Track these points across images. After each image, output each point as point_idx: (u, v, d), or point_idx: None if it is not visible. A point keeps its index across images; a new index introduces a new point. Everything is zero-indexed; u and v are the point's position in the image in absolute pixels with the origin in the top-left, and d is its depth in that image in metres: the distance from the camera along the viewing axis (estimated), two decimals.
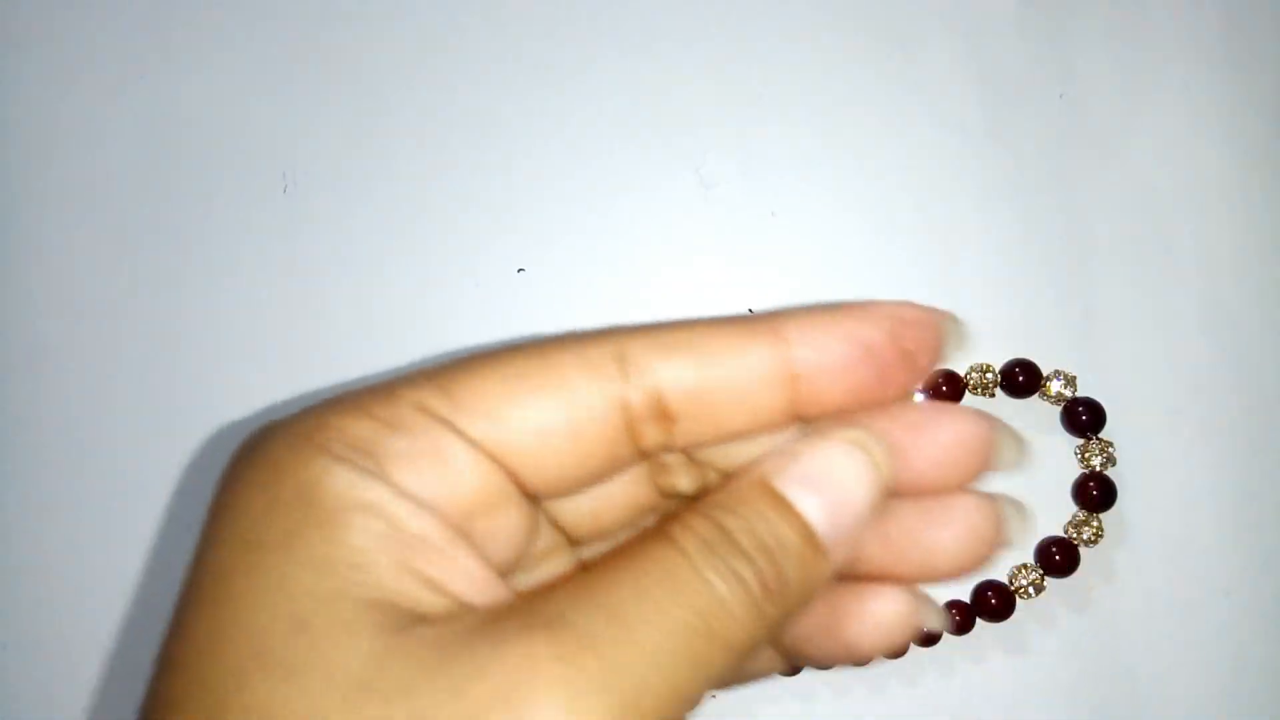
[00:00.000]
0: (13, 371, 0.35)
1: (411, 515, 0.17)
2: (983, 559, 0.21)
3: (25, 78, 0.37)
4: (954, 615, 0.32)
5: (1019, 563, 0.32)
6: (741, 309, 0.34)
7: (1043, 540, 0.33)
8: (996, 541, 0.21)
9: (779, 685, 0.33)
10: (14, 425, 0.35)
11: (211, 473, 0.35)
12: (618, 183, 0.35)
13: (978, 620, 0.32)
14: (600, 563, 0.17)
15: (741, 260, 0.35)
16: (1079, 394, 0.33)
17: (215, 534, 0.17)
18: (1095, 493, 0.32)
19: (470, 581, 0.17)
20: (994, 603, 0.32)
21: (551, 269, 0.35)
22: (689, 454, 0.21)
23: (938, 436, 0.21)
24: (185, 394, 0.35)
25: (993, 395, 0.33)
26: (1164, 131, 0.35)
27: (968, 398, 0.33)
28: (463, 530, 0.18)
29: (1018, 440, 0.22)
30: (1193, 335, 0.34)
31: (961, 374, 0.33)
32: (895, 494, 0.20)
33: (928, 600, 0.22)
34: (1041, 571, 0.32)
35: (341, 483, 0.17)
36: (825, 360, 0.20)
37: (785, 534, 0.18)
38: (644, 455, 0.20)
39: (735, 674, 0.21)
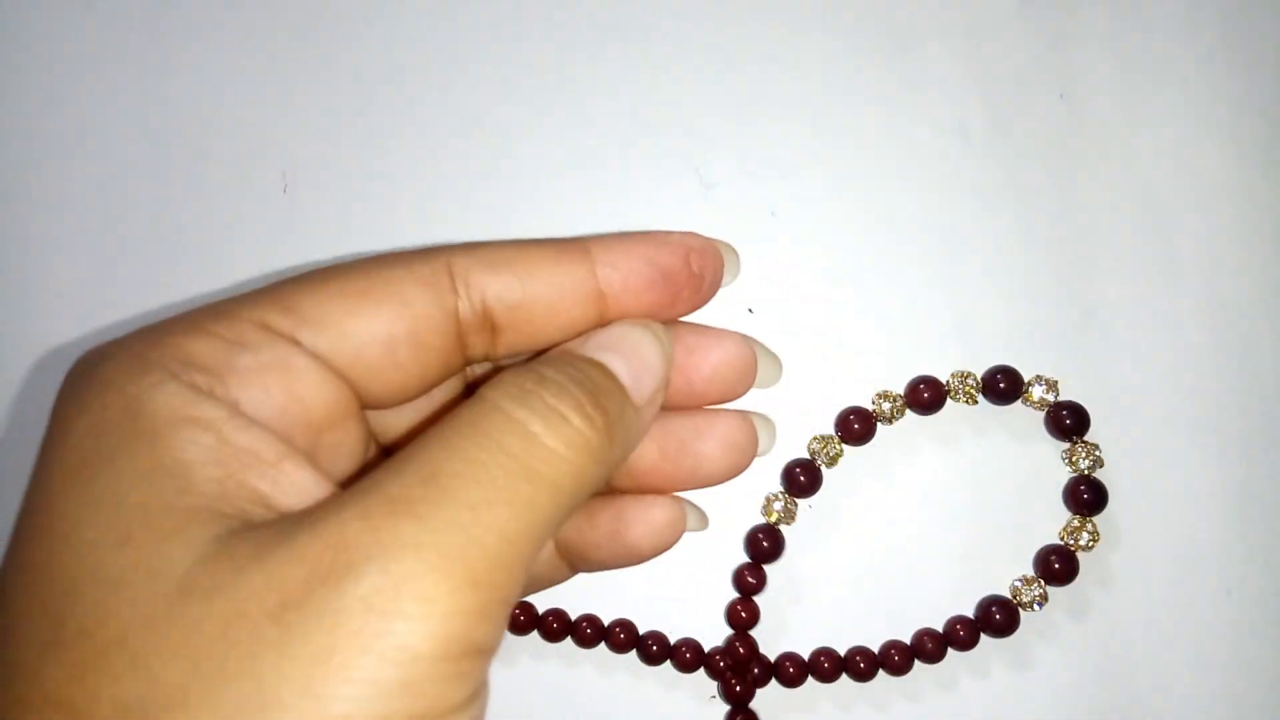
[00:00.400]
0: (13, 372, 0.35)
1: (241, 430, 0.17)
2: (741, 467, 0.25)
3: (25, 78, 0.37)
4: (959, 631, 0.32)
5: (1020, 575, 0.32)
6: (741, 309, 0.34)
7: (1041, 550, 0.33)
8: (752, 450, 0.25)
9: (782, 698, 0.32)
10: (16, 425, 0.35)
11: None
12: (618, 183, 0.35)
13: (982, 636, 0.32)
14: (416, 433, 0.18)
15: (741, 260, 0.35)
16: (1061, 398, 0.33)
17: (46, 459, 0.17)
18: (1086, 495, 0.32)
19: (300, 494, 0.17)
20: (999, 619, 0.32)
21: None
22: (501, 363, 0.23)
23: (709, 356, 0.24)
24: None
25: (975, 402, 0.33)
26: (1164, 131, 0.35)
27: (949, 405, 0.33)
28: (306, 444, 0.18)
29: (776, 361, 0.26)
30: (1193, 335, 0.34)
31: (943, 380, 0.33)
32: (670, 406, 0.23)
33: (695, 507, 0.25)
34: (1043, 583, 0.32)
35: (171, 398, 0.17)
36: (628, 279, 0.22)
37: (599, 377, 0.19)
38: (468, 363, 0.22)
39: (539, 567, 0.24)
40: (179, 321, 0.19)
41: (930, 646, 0.32)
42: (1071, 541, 0.32)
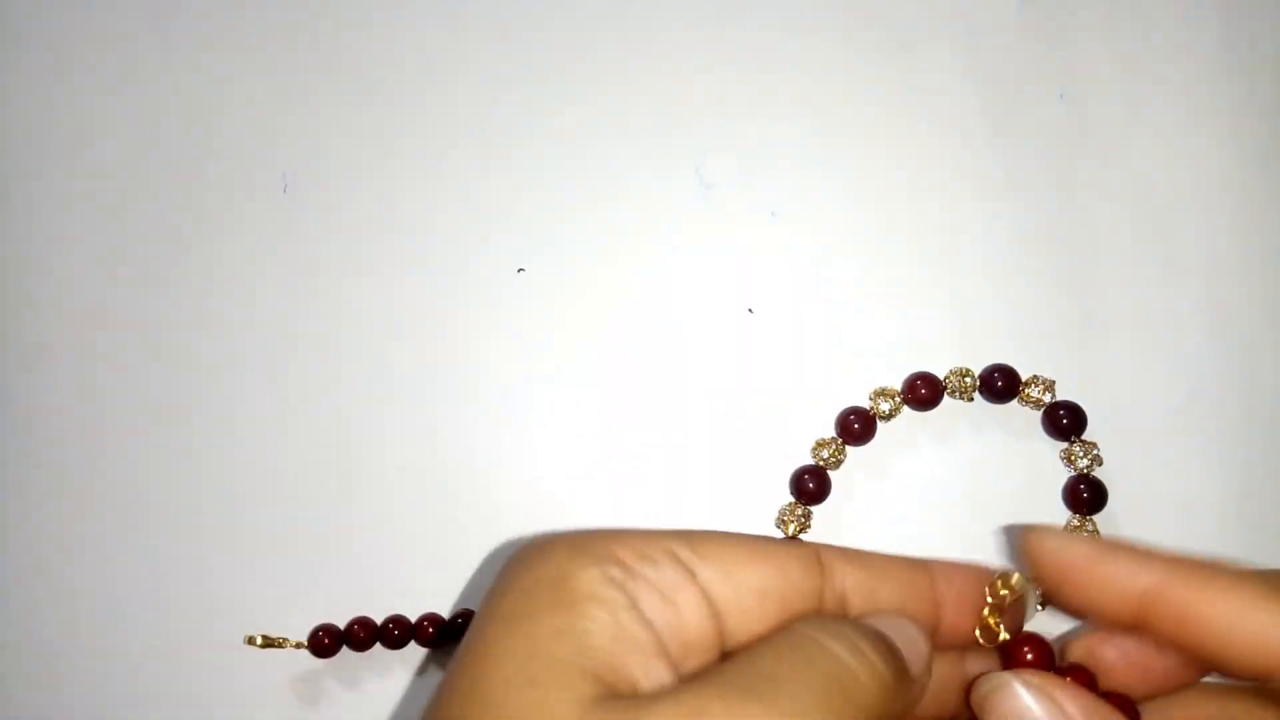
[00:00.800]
0: (12, 372, 0.35)
1: (634, 621, 0.21)
2: None
3: (24, 77, 0.37)
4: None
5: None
6: (741, 309, 0.34)
7: None
8: None
9: None
10: (12, 425, 0.35)
11: (206, 469, 0.34)
12: (618, 183, 0.35)
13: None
14: (735, 651, 0.22)
15: (741, 260, 0.35)
16: (1058, 398, 0.33)
17: (486, 606, 0.22)
18: (1086, 494, 0.32)
19: (660, 687, 0.20)
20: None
21: (551, 269, 0.35)
22: None
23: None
24: (183, 393, 0.35)
25: (970, 399, 0.33)
26: (1164, 131, 0.35)
27: (946, 401, 0.33)
28: (675, 657, 0.22)
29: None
30: (1192, 335, 0.34)
31: (940, 377, 0.33)
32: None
33: None
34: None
35: (592, 578, 0.21)
36: (961, 599, 0.25)
37: (886, 637, 0.22)
38: None
39: None
40: (608, 531, 0.23)
41: None
42: None
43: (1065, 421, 0.32)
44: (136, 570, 0.34)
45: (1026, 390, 0.33)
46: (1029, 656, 0.24)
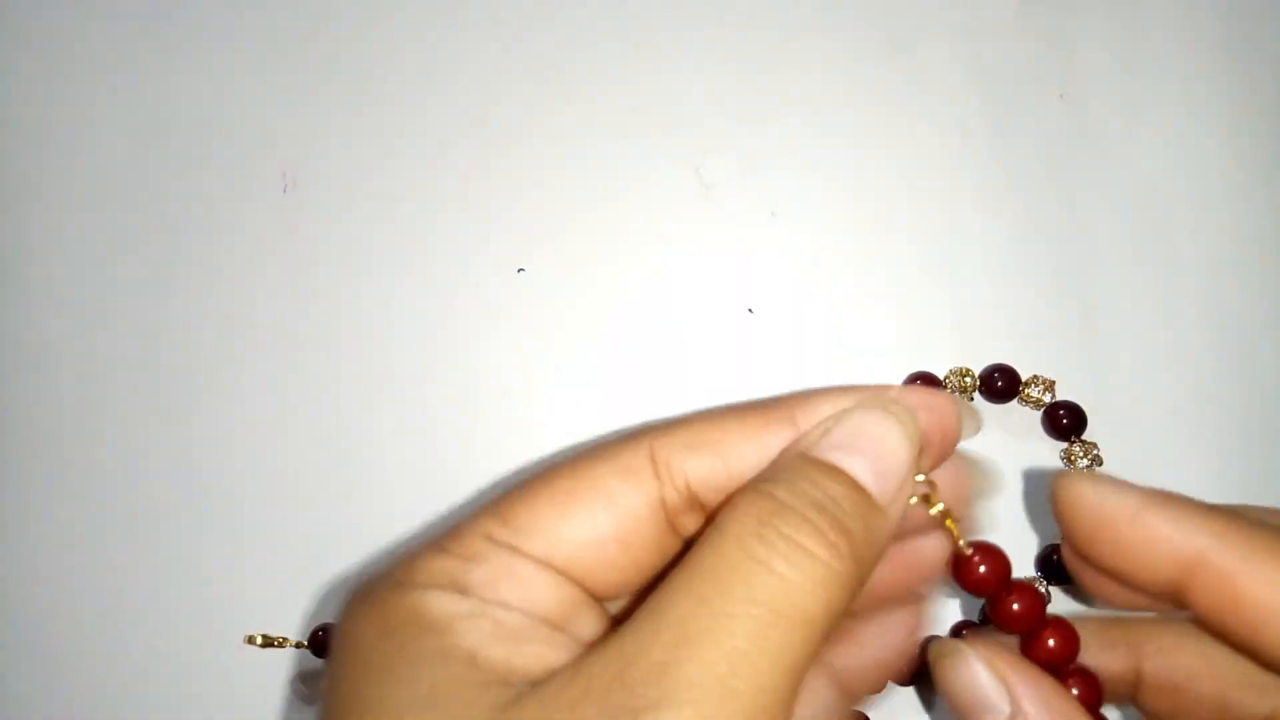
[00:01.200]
0: (11, 372, 0.35)
1: (507, 614, 0.19)
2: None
3: (24, 77, 0.37)
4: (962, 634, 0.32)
5: (1021, 577, 0.32)
6: (741, 309, 0.34)
7: (1044, 548, 0.33)
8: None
9: None
10: (12, 425, 0.35)
11: (206, 468, 0.34)
12: (618, 183, 0.35)
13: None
14: (670, 571, 0.18)
15: (741, 260, 0.35)
16: (1058, 398, 0.33)
17: (339, 668, 0.19)
18: None
19: (570, 655, 0.18)
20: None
21: (551, 269, 0.35)
22: None
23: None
24: (183, 393, 0.35)
25: (970, 399, 0.33)
26: (1164, 131, 0.35)
27: None
28: (560, 629, 0.19)
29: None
30: (1192, 334, 0.34)
31: (940, 377, 0.33)
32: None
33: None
34: (1045, 581, 0.32)
35: (444, 601, 0.19)
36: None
37: (838, 492, 0.18)
38: (686, 542, 0.21)
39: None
40: (419, 545, 0.20)
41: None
42: None
43: (1065, 421, 0.32)
44: (136, 570, 0.34)
45: (1026, 390, 0.33)
46: (1015, 608, 0.21)
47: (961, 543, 0.21)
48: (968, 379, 0.33)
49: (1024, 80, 0.35)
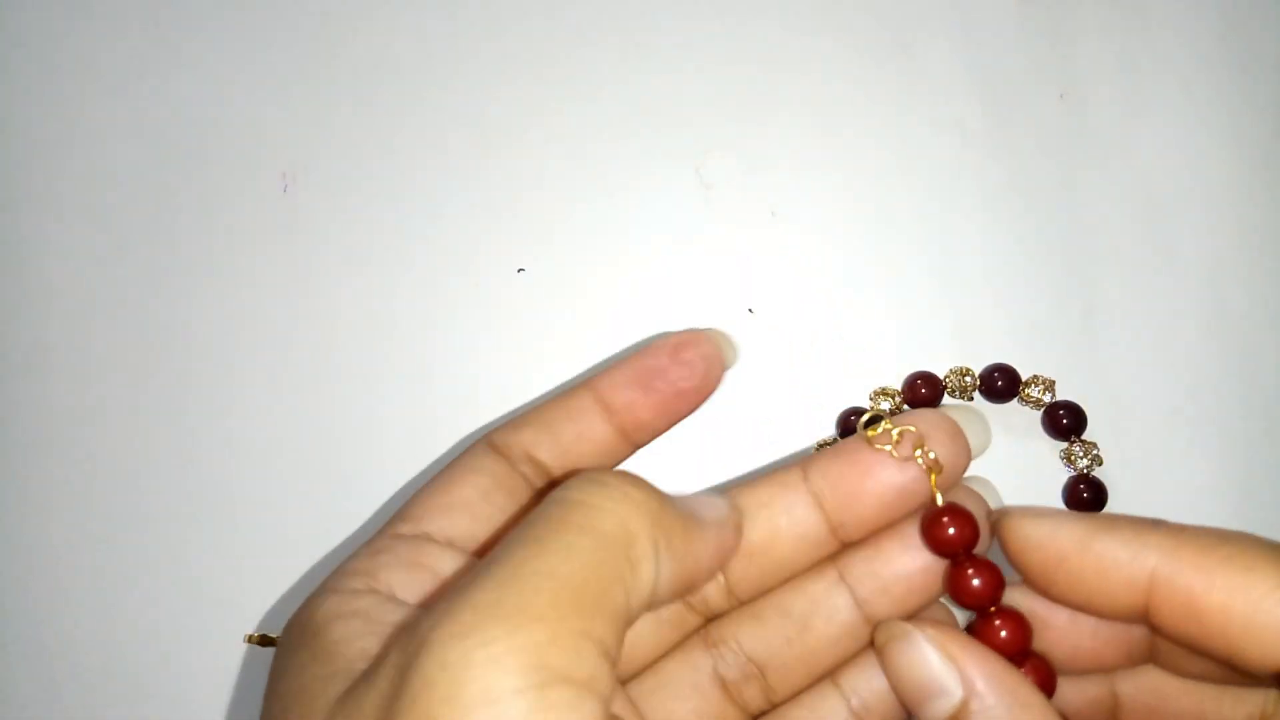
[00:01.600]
0: (11, 372, 0.35)
1: (392, 610, 0.20)
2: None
3: (25, 78, 0.37)
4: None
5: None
6: (741, 309, 0.34)
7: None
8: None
9: None
10: (12, 425, 0.35)
11: (205, 470, 0.34)
12: (618, 183, 0.35)
13: None
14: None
15: (741, 260, 0.35)
16: (1058, 398, 0.33)
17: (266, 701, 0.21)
18: (1086, 494, 0.32)
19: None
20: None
21: (551, 269, 0.35)
22: None
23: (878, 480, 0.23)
24: (183, 393, 0.35)
25: (970, 399, 0.33)
26: (1164, 131, 0.35)
27: (946, 400, 0.33)
28: None
29: (981, 423, 0.25)
30: (1192, 334, 0.34)
31: (941, 377, 0.33)
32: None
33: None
34: None
35: (330, 606, 0.20)
36: (625, 395, 0.24)
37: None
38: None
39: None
40: (352, 554, 0.23)
41: None
42: None
43: (1065, 421, 0.32)
44: (136, 569, 0.34)
45: (1026, 390, 0.33)
46: (975, 584, 0.21)
47: (938, 499, 0.22)
48: (967, 378, 0.33)
49: (1024, 80, 0.35)
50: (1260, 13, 0.36)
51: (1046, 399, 0.33)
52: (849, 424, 0.33)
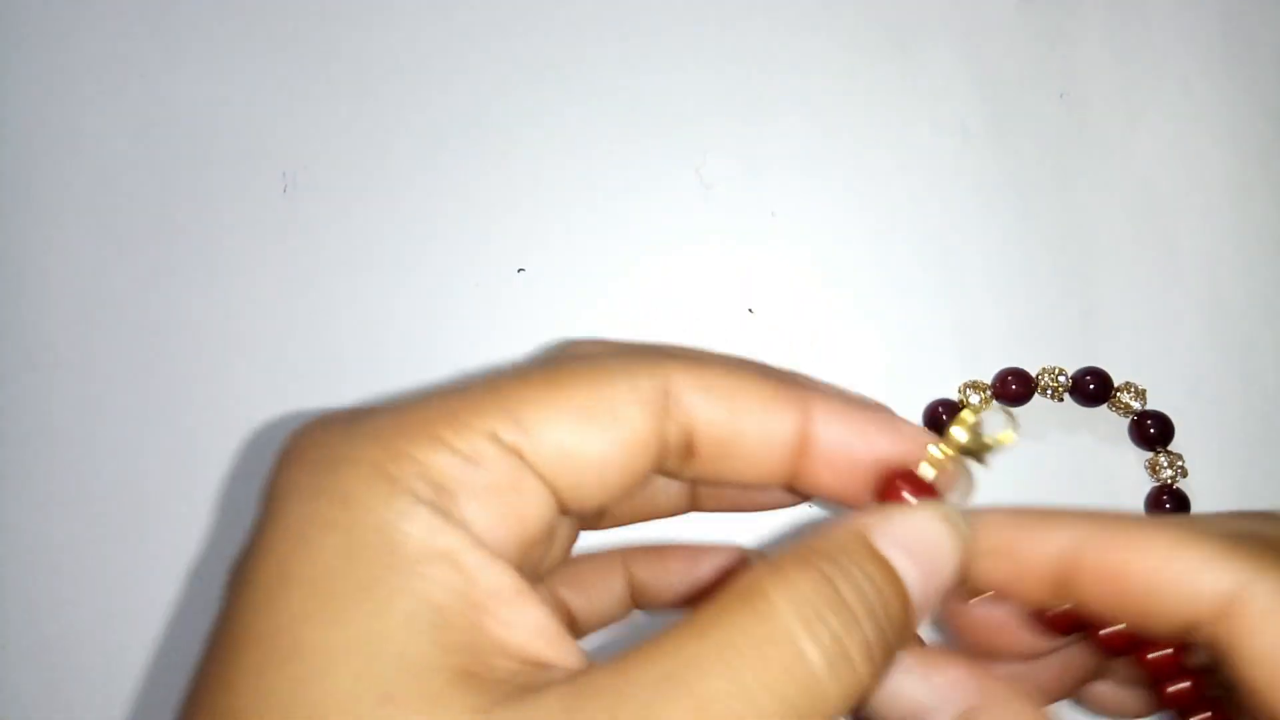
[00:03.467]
0: (13, 372, 0.35)
1: (484, 566, 0.17)
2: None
3: (25, 78, 0.37)
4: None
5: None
6: (741, 309, 0.34)
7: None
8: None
9: None
10: (13, 425, 0.35)
11: (206, 471, 0.34)
12: (618, 183, 0.35)
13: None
14: (689, 623, 0.17)
15: (741, 260, 0.35)
16: (1148, 407, 0.33)
17: (285, 570, 0.16)
18: (1169, 506, 0.32)
19: (537, 634, 0.17)
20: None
21: (551, 269, 0.35)
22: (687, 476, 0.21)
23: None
24: (183, 393, 0.35)
25: (1061, 399, 0.33)
26: (1164, 131, 0.35)
27: (1036, 399, 0.33)
28: (521, 560, 0.18)
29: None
30: (1193, 334, 0.34)
31: (1033, 374, 0.33)
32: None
33: None
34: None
35: (421, 528, 0.16)
36: (840, 455, 0.21)
37: (891, 600, 0.18)
38: (655, 473, 0.21)
39: None
40: (414, 425, 0.18)
41: None
42: None
43: (1153, 431, 0.32)
44: (136, 570, 0.34)
45: (1118, 395, 0.33)
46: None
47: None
48: (1061, 378, 0.33)
49: (1024, 80, 0.35)
50: (1260, 13, 0.36)
51: (1137, 406, 0.33)
52: (935, 414, 0.33)
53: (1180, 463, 0.32)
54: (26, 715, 0.34)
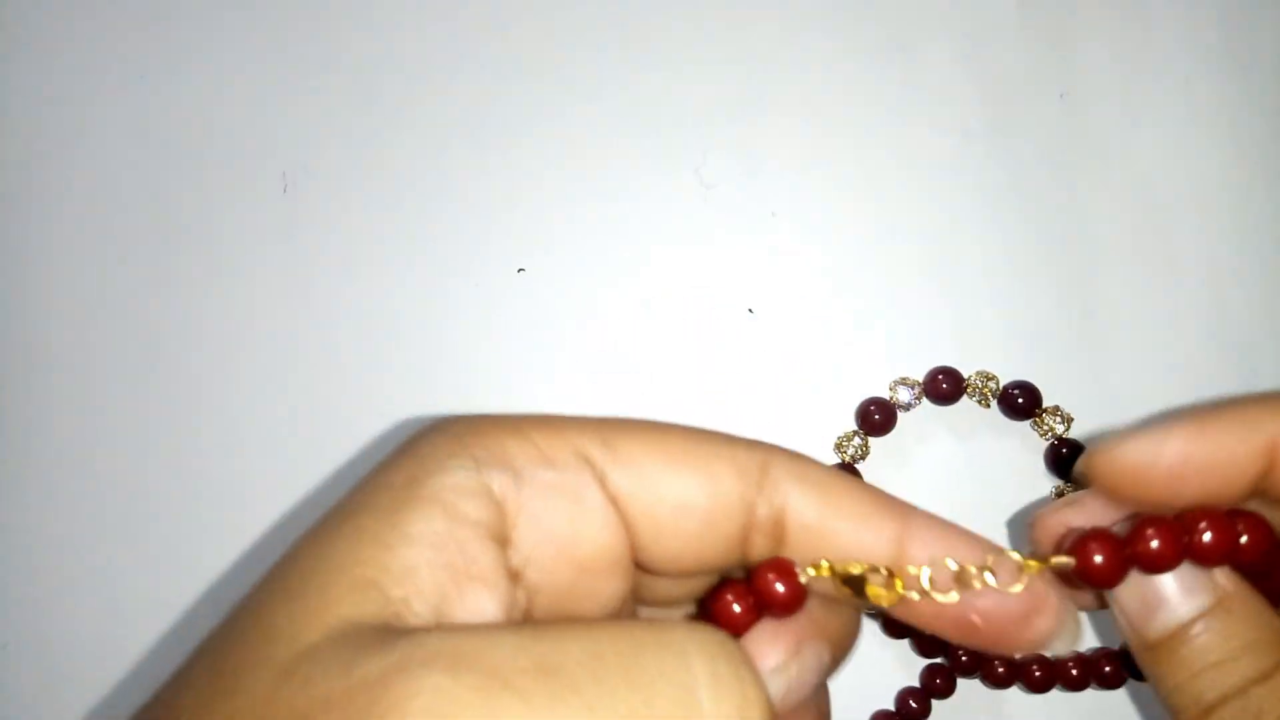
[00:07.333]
0: (11, 372, 0.35)
1: (477, 539, 0.17)
2: None
3: (25, 78, 0.37)
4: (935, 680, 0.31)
5: None
6: (741, 309, 0.34)
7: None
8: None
9: None
10: (12, 426, 0.35)
11: (206, 471, 0.34)
12: (618, 183, 0.35)
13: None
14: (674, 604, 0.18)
15: (741, 260, 0.35)
16: (1070, 434, 0.32)
17: (356, 489, 0.18)
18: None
19: (476, 616, 0.17)
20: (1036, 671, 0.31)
21: (551, 269, 0.35)
22: None
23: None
24: (183, 393, 0.35)
25: (987, 406, 0.33)
26: (1164, 131, 0.35)
27: (964, 400, 0.33)
28: (563, 578, 0.18)
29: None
30: (1192, 335, 0.34)
31: (964, 375, 0.33)
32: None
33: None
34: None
35: (455, 481, 0.18)
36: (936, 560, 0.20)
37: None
38: (744, 562, 0.20)
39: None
40: (515, 421, 0.19)
41: (941, 683, 0.31)
42: None
43: (1067, 457, 0.32)
44: (137, 570, 0.34)
45: (1043, 416, 0.33)
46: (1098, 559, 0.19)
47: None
48: (990, 384, 0.33)
49: (1024, 80, 0.35)
50: (1260, 13, 0.36)
51: (1059, 430, 0.32)
52: (868, 413, 0.33)
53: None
54: (26, 715, 0.34)
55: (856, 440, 0.33)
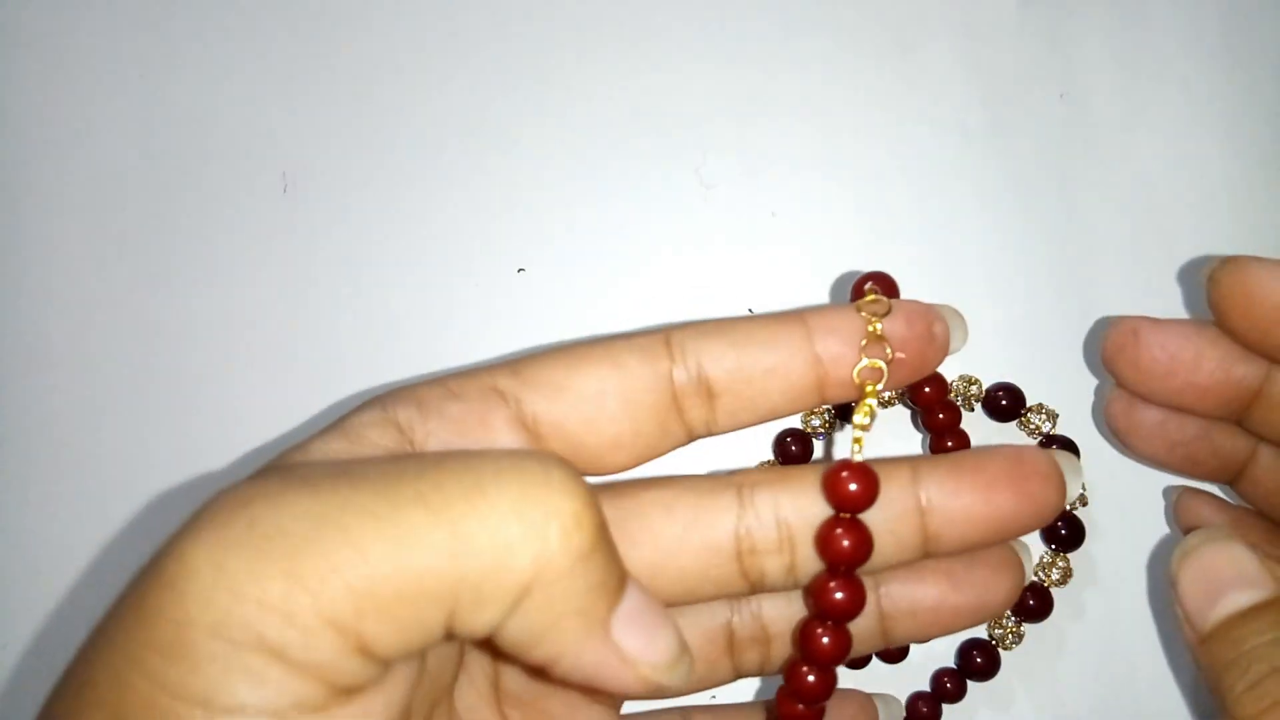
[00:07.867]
0: (9, 372, 0.35)
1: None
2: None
3: (25, 78, 0.37)
4: (946, 684, 0.31)
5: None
6: (741, 309, 0.34)
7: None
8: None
9: None
10: (10, 426, 0.35)
11: (206, 471, 0.34)
12: (618, 183, 0.35)
13: (968, 683, 0.31)
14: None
15: (741, 260, 0.35)
16: (1057, 430, 0.32)
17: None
18: (1064, 532, 0.31)
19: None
20: (980, 661, 0.31)
21: (551, 269, 0.35)
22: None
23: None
24: (183, 393, 0.35)
25: (970, 409, 0.33)
26: (1164, 131, 0.35)
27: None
28: None
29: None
30: None
31: (950, 380, 0.33)
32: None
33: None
34: (1017, 619, 0.31)
35: (363, 420, 0.21)
36: (845, 344, 0.22)
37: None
38: (691, 435, 0.22)
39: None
40: (439, 378, 0.22)
41: (925, 709, 0.31)
42: (1044, 577, 0.31)
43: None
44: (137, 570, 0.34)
45: (1028, 416, 0.32)
46: (844, 543, 0.22)
47: (857, 450, 0.22)
48: (973, 387, 0.33)
49: (1024, 80, 0.35)
50: (1260, 13, 0.36)
51: (1046, 428, 0.33)
52: (784, 446, 0.33)
53: (1082, 491, 0.32)
54: (26, 715, 0.34)
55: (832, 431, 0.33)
